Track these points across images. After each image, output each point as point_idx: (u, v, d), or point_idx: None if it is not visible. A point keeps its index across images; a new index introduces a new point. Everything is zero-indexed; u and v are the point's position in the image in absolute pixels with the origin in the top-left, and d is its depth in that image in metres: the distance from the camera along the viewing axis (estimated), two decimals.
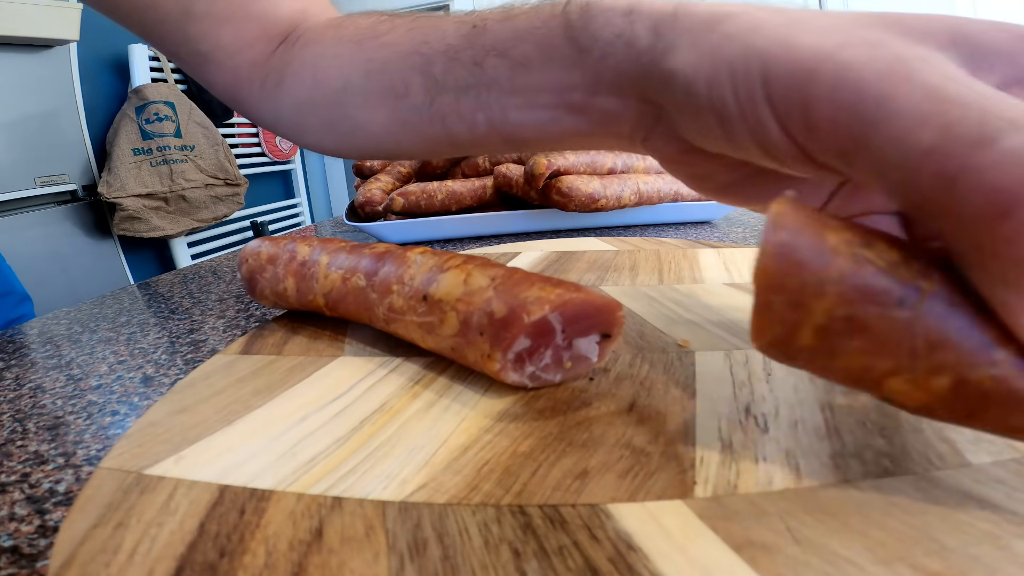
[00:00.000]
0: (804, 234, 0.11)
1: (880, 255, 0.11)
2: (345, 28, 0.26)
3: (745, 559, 0.12)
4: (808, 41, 0.13)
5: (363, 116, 0.25)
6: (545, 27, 0.19)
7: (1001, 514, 0.13)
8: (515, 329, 0.17)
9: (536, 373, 0.18)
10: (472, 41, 0.21)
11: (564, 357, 0.19)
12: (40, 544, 0.13)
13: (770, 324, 0.12)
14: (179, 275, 0.40)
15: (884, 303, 0.11)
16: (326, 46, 0.26)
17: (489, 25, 0.21)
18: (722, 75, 0.14)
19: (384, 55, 0.24)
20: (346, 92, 0.25)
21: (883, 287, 0.11)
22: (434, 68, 0.22)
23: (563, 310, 0.18)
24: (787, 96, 0.13)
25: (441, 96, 0.22)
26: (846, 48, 0.12)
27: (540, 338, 0.18)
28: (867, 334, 0.11)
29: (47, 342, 0.27)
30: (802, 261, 0.11)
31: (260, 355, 0.23)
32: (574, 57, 0.18)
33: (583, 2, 0.18)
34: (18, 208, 1.31)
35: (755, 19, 0.14)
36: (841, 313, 0.11)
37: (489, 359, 0.18)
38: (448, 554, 0.12)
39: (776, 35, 0.13)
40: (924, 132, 0.10)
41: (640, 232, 0.52)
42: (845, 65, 0.12)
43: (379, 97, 0.24)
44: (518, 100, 0.20)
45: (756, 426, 0.17)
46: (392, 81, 0.23)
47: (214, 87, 0.31)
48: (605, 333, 0.19)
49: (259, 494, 0.14)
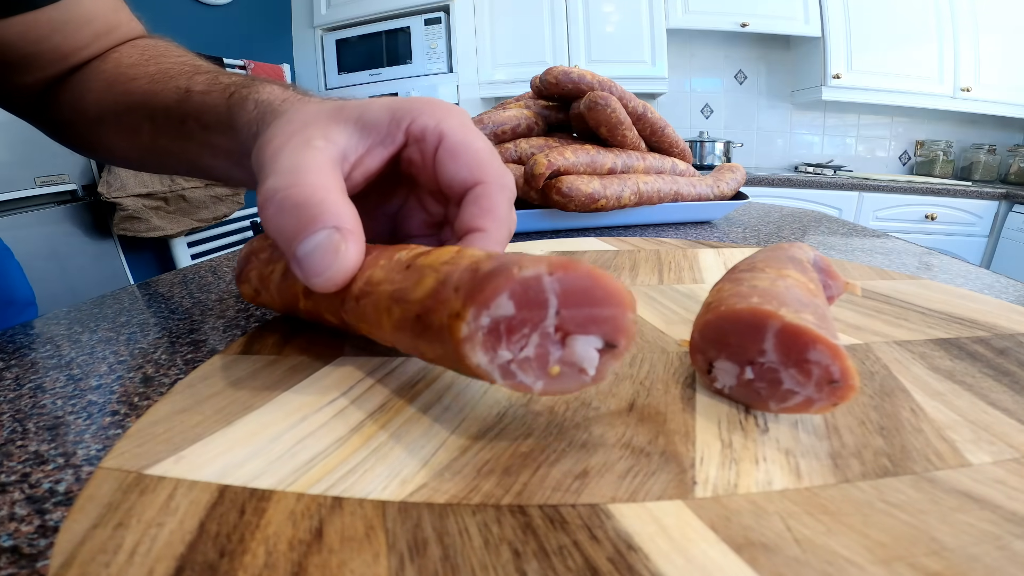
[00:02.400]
0: None
1: None
2: (107, 65, 0.33)
3: (745, 559, 0.12)
4: (265, 157, 0.20)
5: (112, 142, 0.33)
6: (219, 107, 0.26)
7: (1001, 514, 0.13)
8: (499, 281, 0.13)
9: (511, 364, 0.14)
10: (180, 104, 0.28)
11: (552, 357, 0.14)
12: (40, 544, 0.13)
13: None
14: (179, 275, 0.40)
15: None
16: (90, 80, 0.33)
17: (193, 96, 0.28)
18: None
19: (126, 100, 0.31)
20: (100, 123, 0.32)
21: None
22: (156, 118, 0.29)
23: (563, 277, 0.14)
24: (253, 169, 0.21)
25: (159, 139, 0.30)
26: (291, 140, 0.20)
27: (527, 310, 0.14)
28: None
29: (47, 342, 0.27)
30: None
31: (260, 355, 0.23)
32: (231, 132, 0.26)
33: (242, 93, 0.26)
34: (18, 208, 1.30)
35: (278, 116, 0.22)
36: None
37: (458, 319, 0.14)
38: (448, 554, 0.12)
39: (259, 154, 0.20)
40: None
41: (640, 232, 0.52)
42: (259, 153, 0.20)
43: (122, 131, 0.32)
44: (206, 152, 0.28)
45: (756, 426, 0.17)
46: (130, 121, 0.31)
47: (19, 90, 0.35)
48: (610, 342, 0.15)
49: (259, 494, 0.14)
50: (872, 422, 0.17)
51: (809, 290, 0.19)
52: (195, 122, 0.27)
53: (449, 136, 0.21)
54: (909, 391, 0.19)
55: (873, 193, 1.89)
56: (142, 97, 0.30)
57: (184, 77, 0.29)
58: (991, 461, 0.15)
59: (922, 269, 0.39)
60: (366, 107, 0.21)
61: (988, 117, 2.08)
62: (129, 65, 0.32)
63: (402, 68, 2.18)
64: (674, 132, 0.59)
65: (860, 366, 0.21)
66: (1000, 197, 1.85)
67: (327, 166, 0.19)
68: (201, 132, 0.27)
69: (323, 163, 0.19)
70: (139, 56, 0.32)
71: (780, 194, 1.91)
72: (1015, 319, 0.26)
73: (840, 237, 0.51)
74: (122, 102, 0.31)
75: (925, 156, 2.23)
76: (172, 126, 0.29)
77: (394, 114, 0.21)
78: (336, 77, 2.28)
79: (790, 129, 2.35)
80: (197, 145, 0.28)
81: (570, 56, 2.09)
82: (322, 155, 0.19)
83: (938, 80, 1.99)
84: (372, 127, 0.21)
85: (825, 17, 1.97)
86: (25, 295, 0.46)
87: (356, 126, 0.21)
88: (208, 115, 0.27)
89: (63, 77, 0.34)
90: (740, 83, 2.33)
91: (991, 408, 0.18)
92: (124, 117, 0.31)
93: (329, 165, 0.19)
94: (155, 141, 0.30)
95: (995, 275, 0.37)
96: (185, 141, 0.28)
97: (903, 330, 0.25)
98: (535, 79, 0.56)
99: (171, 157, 0.30)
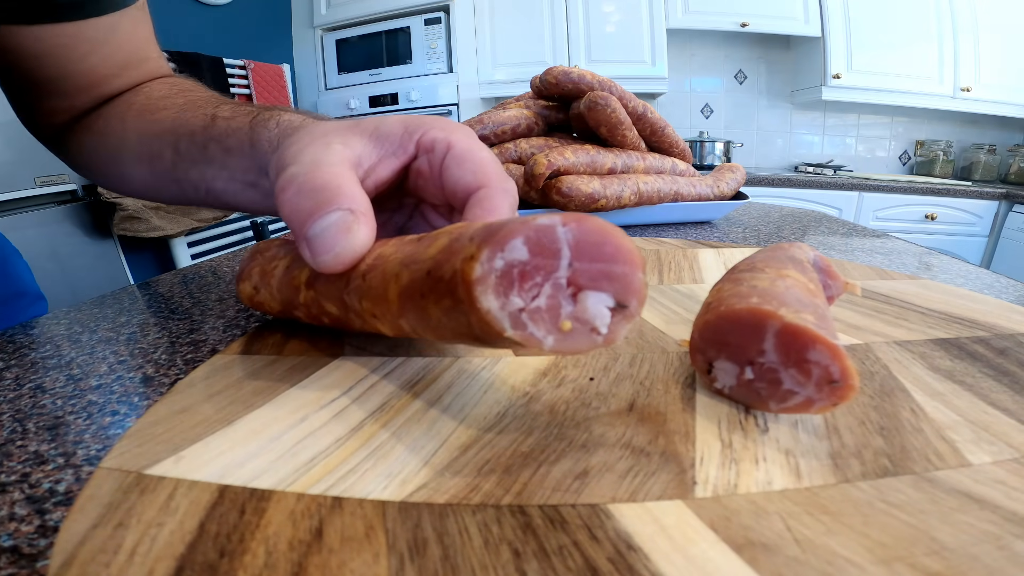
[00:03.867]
0: None
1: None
2: (139, 97, 0.34)
3: (745, 559, 0.12)
4: (287, 157, 0.21)
5: (131, 171, 0.34)
6: (243, 129, 0.28)
7: (1001, 514, 0.13)
8: (515, 226, 0.14)
9: (522, 314, 0.14)
10: (206, 129, 0.30)
11: (564, 311, 0.14)
12: (40, 544, 0.13)
13: None
14: (179, 275, 0.40)
15: None
16: (121, 111, 0.34)
17: (218, 121, 0.29)
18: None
19: (153, 128, 0.32)
20: (122, 149, 0.33)
21: None
22: (180, 145, 0.31)
23: (576, 227, 0.14)
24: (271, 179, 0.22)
25: (180, 165, 0.31)
26: (306, 151, 0.21)
27: (540, 258, 0.14)
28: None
29: (47, 342, 0.27)
30: None
31: (260, 355, 0.23)
32: (251, 152, 0.28)
33: (267, 115, 0.28)
34: (18, 208, 1.30)
35: (300, 133, 0.22)
36: None
37: (472, 260, 0.14)
38: (448, 554, 0.12)
39: (280, 157, 0.21)
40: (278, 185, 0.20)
41: (640, 232, 0.52)
42: (282, 169, 0.21)
43: (143, 158, 0.33)
44: (223, 174, 0.30)
45: (756, 426, 0.17)
46: (153, 149, 0.32)
47: (23, 119, 0.37)
48: (621, 302, 0.15)
49: (259, 494, 0.14)
50: (872, 422, 0.17)
51: (809, 290, 0.19)
52: (217, 145, 0.29)
53: (457, 145, 0.22)
54: (909, 391, 0.19)
55: (873, 193, 1.89)
56: (170, 124, 0.31)
57: (211, 106, 0.31)
58: (991, 461, 0.15)
59: (922, 269, 0.39)
60: (381, 121, 0.23)
61: (988, 117, 2.08)
62: (159, 97, 0.34)
63: (402, 68, 2.18)
64: (674, 132, 0.59)
65: (860, 366, 0.21)
66: (1000, 197, 1.85)
67: (346, 163, 0.20)
68: (221, 155, 0.29)
69: (342, 160, 0.20)
70: (168, 90, 0.34)
71: (780, 194, 1.91)
72: (1015, 319, 0.26)
73: (840, 237, 0.51)
74: (149, 130, 0.32)
75: (925, 156, 2.23)
76: (195, 151, 0.30)
77: (407, 127, 0.22)
78: (336, 77, 2.28)
79: (790, 129, 2.35)
80: (215, 168, 0.30)
81: (570, 56, 2.09)
82: (340, 155, 0.20)
83: (938, 80, 1.99)
84: (386, 138, 0.22)
85: (825, 17, 1.97)
86: (35, 290, 0.47)
87: (371, 137, 0.22)
88: (231, 138, 0.28)
89: (92, 109, 0.35)
90: (740, 83, 2.33)
91: (991, 408, 0.18)
92: (148, 145, 0.32)
93: (347, 163, 0.20)
94: (175, 167, 0.31)
95: (995, 275, 0.37)
96: (204, 165, 0.30)
97: (903, 330, 0.25)
98: (535, 79, 0.56)
99: (188, 183, 0.31)
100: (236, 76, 1.93)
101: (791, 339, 0.16)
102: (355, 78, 2.25)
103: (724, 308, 0.18)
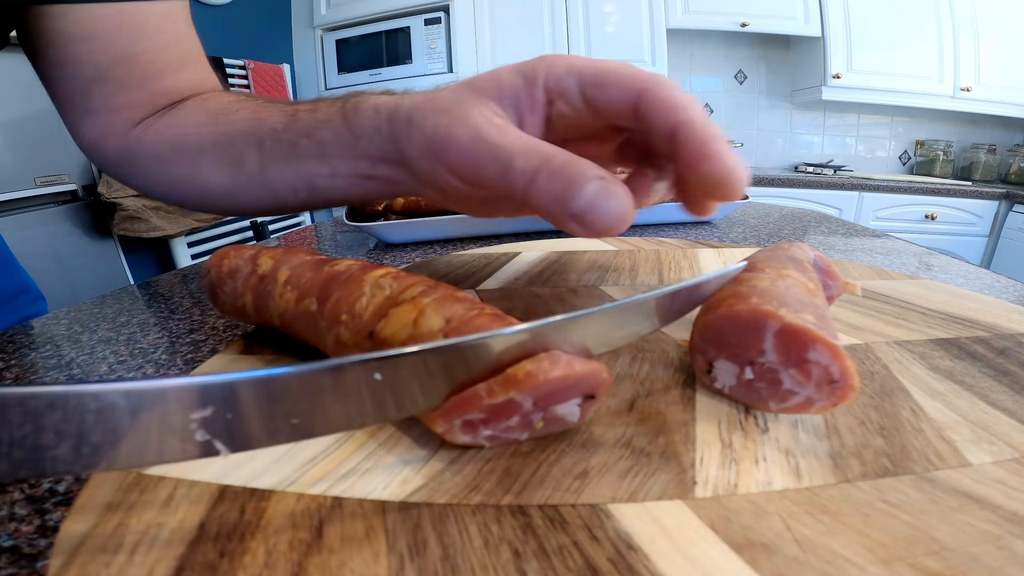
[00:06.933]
0: None
1: None
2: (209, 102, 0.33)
3: (745, 559, 0.12)
4: (445, 122, 0.21)
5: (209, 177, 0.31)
6: (335, 119, 0.26)
7: (1001, 514, 0.13)
8: (467, 406, 0.15)
9: (496, 435, 0.16)
10: (289, 126, 0.27)
11: (535, 420, 0.16)
12: (40, 544, 0.13)
13: None
14: (179, 275, 0.40)
15: None
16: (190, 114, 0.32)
17: (301, 115, 0.27)
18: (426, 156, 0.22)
19: (230, 131, 0.30)
20: (199, 156, 0.31)
21: None
22: (264, 144, 0.28)
23: (535, 391, 0.14)
24: (456, 161, 0.21)
25: (270, 166, 0.29)
26: (463, 120, 0.21)
27: (501, 412, 0.15)
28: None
29: (47, 342, 0.27)
30: None
31: (260, 355, 0.23)
32: (353, 142, 0.25)
33: (354, 101, 0.25)
34: (18, 208, 1.30)
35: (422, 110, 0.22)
36: None
37: (431, 422, 0.15)
38: (448, 554, 0.12)
39: (431, 124, 0.21)
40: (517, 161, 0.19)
41: (640, 232, 0.52)
42: (472, 134, 0.20)
43: (223, 163, 0.30)
44: (325, 171, 0.27)
45: (756, 426, 0.17)
46: (233, 152, 0.30)
47: (81, 135, 0.34)
48: (588, 395, 0.16)
49: (259, 494, 0.14)
50: (872, 422, 0.17)
51: (809, 290, 0.19)
52: (308, 140, 0.27)
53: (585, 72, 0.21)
54: (909, 391, 0.19)
55: (873, 193, 1.89)
56: (247, 125, 0.29)
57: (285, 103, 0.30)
58: (991, 461, 0.15)
59: (922, 269, 0.39)
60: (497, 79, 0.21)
61: (988, 117, 2.08)
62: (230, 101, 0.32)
63: (402, 68, 2.18)
64: None
65: (860, 366, 0.21)
66: (1000, 197, 1.85)
67: (534, 136, 0.20)
68: (317, 148, 0.27)
69: (525, 133, 0.20)
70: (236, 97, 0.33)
71: (780, 194, 1.91)
72: (1015, 319, 0.26)
73: (840, 237, 0.51)
74: (225, 132, 0.30)
75: (925, 156, 2.23)
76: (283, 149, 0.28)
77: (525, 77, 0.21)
78: (336, 77, 2.28)
79: (790, 129, 2.35)
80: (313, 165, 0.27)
81: None
82: (514, 129, 0.20)
83: (938, 80, 1.99)
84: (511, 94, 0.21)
85: (825, 17, 1.97)
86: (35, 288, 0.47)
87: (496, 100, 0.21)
88: (322, 130, 0.26)
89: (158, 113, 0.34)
90: (740, 83, 2.33)
91: (991, 408, 0.18)
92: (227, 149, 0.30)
93: (536, 135, 0.20)
94: (264, 169, 0.29)
95: (995, 275, 0.37)
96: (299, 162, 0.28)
97: (903, 330, 0.25)
98: None
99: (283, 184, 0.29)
100: (236, 76, 1.93)
101: (791, 339, 0.16)
102: (355, 78, 2.25)
103: (724, 308, 0.18)
